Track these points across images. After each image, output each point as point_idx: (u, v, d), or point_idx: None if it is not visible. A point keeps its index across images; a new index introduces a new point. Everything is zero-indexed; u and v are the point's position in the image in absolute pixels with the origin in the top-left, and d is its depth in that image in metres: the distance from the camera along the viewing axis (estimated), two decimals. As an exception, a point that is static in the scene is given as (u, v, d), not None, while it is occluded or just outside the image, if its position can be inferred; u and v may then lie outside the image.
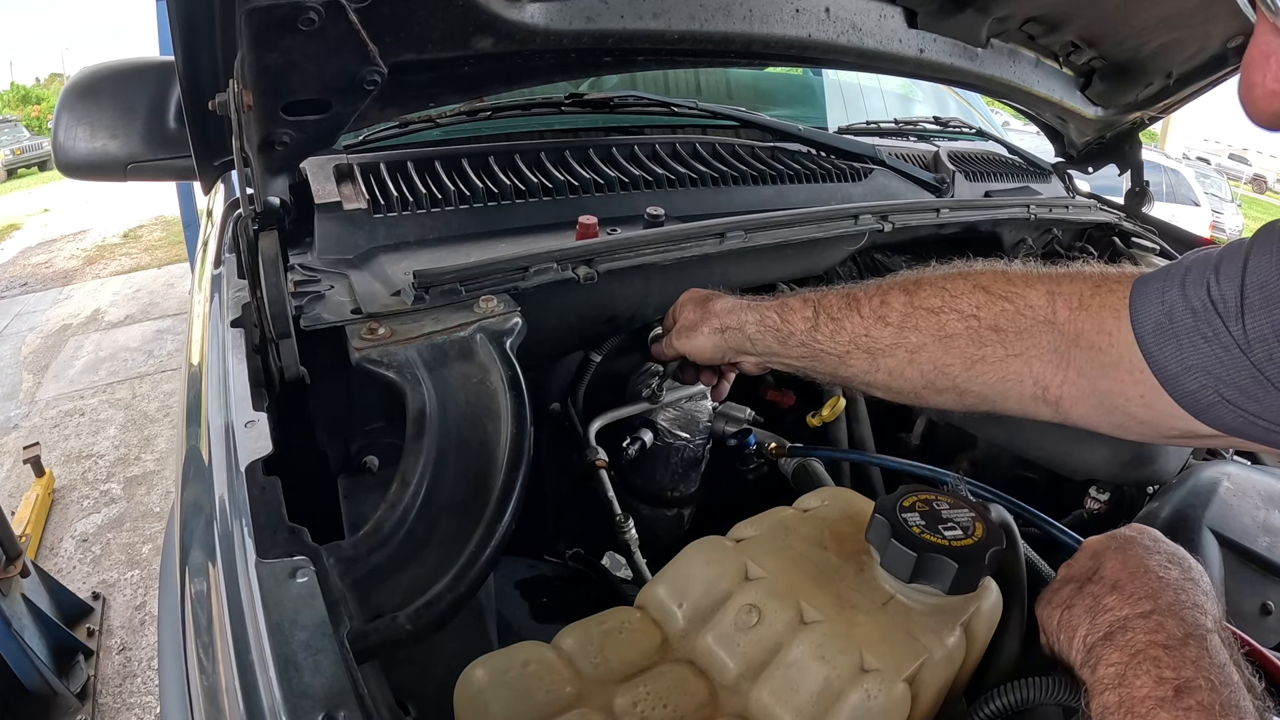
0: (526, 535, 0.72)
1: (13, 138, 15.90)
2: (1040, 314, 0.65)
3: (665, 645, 0.59)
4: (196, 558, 0.64)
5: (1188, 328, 0.57)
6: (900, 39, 1.14)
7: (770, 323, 0.81)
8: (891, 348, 0.73)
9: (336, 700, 0.44)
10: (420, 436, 0.65)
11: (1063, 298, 0.65)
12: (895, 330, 0.72)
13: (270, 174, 0.78)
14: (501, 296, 0.83)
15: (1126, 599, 0.53)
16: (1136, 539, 0.60)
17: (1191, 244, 1.68)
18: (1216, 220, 10.42)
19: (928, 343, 0.71)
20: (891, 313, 0.73)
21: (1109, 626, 0.52)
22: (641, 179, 1.20)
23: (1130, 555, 0.57)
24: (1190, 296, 0.57)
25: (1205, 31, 1.24)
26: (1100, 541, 0.61)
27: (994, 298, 0.68)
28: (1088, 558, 0.60)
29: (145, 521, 2.96)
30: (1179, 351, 0.58)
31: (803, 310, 0.79)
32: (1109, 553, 0.58)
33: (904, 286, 0.74)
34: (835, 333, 0.76)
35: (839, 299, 0.78)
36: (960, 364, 0.70)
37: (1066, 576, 0.60)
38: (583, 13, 0.84)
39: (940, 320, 0.70)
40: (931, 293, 0.71)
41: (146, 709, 2.08)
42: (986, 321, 0.68)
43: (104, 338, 5.00)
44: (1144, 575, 0.54)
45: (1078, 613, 0.55)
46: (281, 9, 0.55)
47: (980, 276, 0.70)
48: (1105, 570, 0.57)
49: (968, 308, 0.69)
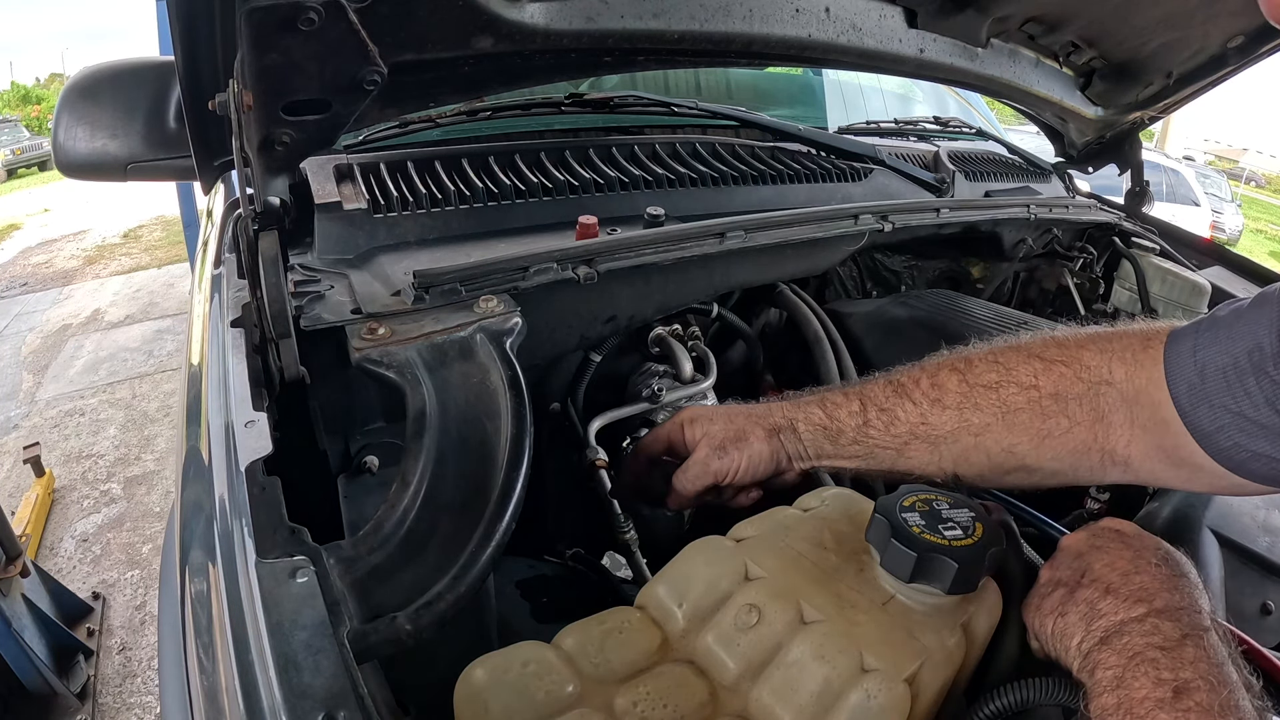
0: (526, 535, 0.72)
1: (13, 138, 15.91)
2: (1098, 374, 0.64)
3: (665, 645, 0.59)
4: (196, 558, 0.64)
5: (1219, 387, 0.57)
6: (900, 39, 1.14)
7: (816, 419, 0.75)
8: (955, 433, 0.69)
9: (336, 700, 0.44)
10: (420, 436, 0.65)
11: (1116, 355, 0.64)
12: (955, 413, 0.69)
13: (270, 174, 0.78)
14: (501, 296, 0.83)
15: (1121, 602, 0.52)
16: (1119, 535, 0.59)
17: (1191, 244, 1.68)
18: (1216, 220, 10.42)
19: (991, 422, 0.68)
20: (947, 394, 0.69)
21: (1104, 631, 0.52)
22: (641, 179, 1.20)
23: (1118, 554, 0.56)
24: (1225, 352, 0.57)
25: (1205, 31, 1.24)
26: (1082, 540, 0.60)
27: (1050, 363, 0.66)
28: (1072, 559, 0.59)
29: (145, 521, 2.95)
30: (1211, 412, 0.58)
31: (847, 405, 0.74)
32: (1094, 552, 0.58)
33: (953, 366, 0.71)
34: (889, 424, 0.71)
35: (884, 388, 0.73)
36: (1027, 441, 0.67)
37: (1053, 580, 0.59)
38: (583, 13, 0.84)
39: (1001, 395, 0.67)
40: (985, 368, 0.69)
41: (146, 709, 2.08)
42: (1047, 389, 0.66)
43: (104, 338, 5.00)
44: (1135, 576, 0.54)
45: (1072, 620, 0.54)
46: (281, 9, 0.55)
47: (1031, 345, 0.69)
48: (1095, 572, 0.56)
49: (1026, 378, 0.67)
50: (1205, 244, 1.71)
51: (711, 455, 0.76)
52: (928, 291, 1.38)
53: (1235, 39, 1.23)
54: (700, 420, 0.78)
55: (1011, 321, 1.17)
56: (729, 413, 0.79)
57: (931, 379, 0.71)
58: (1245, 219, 14.00)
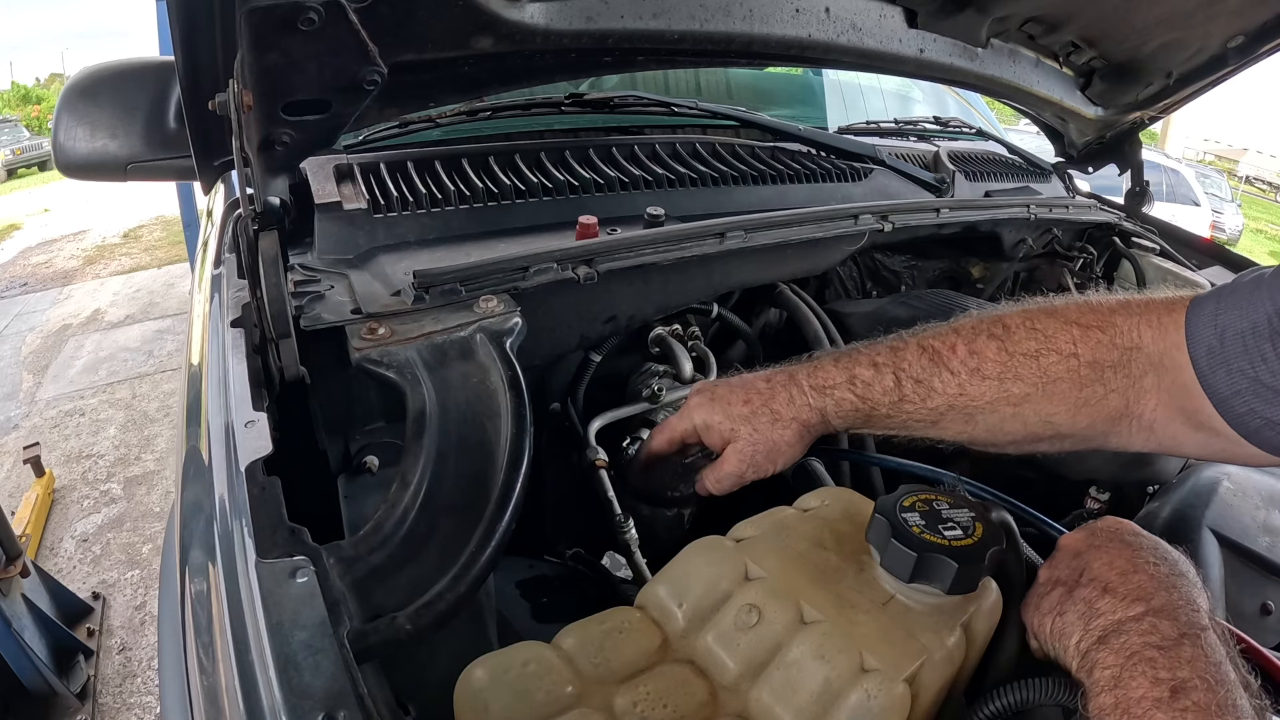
0: (526, 535, 0.72)
1: (13, 138, 15.91)
2: (1130, 339, 0.64)
3: (665, 645, 0.59)
4: (196, 558, 0.64)
5: (1237, 351, 0.57)
6: (900, 39, 1.14)
7: (848, 405, 0.72)
8: (993, 403, 0.67)
9: (336, 700, 0.44)
10: (420, 436, 0.65)
11: (1145, 319, 0.63)
12: (995, 383, 0.67)
13: (270, 174, 0.78)
14: (501, 296, 0.83)
15: (1119, 601, 0.52)
16: (1118, 533, 0.58)
17: (1191, 244, 1.68)
18: (1216, 220, 10.42)
19: (1031, 392, 0.66)
20: (986, 364, 0.67)
21: (1103, 630, 0.52)
22: (641, 179, 1.20)
23: (1116, 553, 0.56)
24: (1246, 316, 0.57)
25: (1205, 31, 1.24)
26: (1080, 539, 0.60)
27: (1087, 329, 0.65)
28: (1070, 558, 0.59)
29: (145, 521, 2.95)
30: (1229, 376, 0.57)
31: (879, 381, 0.71)
32: (1092, 551, 0.57)
33: (991, 332, 0.68)
34: (926, 397, 0.69)
35: (918, 356, 0.70)
36: (1065, 411, 0.66)
37: (1051, 579, 0.59)
38: (583, 13, 0.84)
39: (1041, 365, 0.66)
40: (1025, 335, 0.67)
41: (146, 709, 2.08)
42: (1085, 358, 0.65)
43: (104, 338, 5.00)
44: (1134, 575, 0.54)
45: (1070, 619, 0.54)
46: (281, 9, 0.55)
47: (1068, 310, 0.67)
48: (1093, 571, 0.56)
49: (1065, 346, 0.65)
50: (1205, 244, 1.71)
51: (745, 469, 0.75)
52: (928, 291, 1.38)
53: (1235, 39, 1.23)
54: (716, 425, 0.74)
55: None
56: (749, 414, 0.74)
57: (969, 345, 0.68)
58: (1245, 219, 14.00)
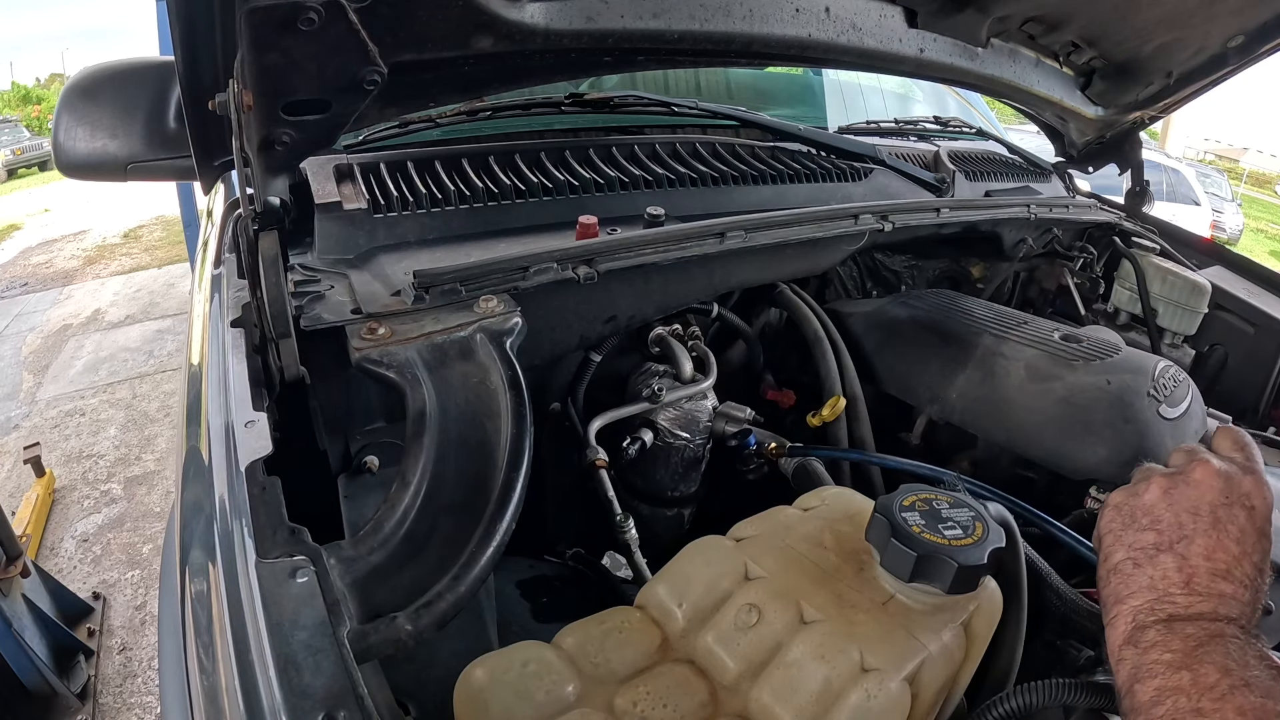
0: (526, 535, 0.72)
1: (13, 138, 15.89)
2: None
3: (665, 645, 0.59)
4: (196, 558, 0.64)
5: None
6: (900, 39, 1.14)
7: None
8: None
9: (336, 700, 0.44)
10: (420, 436, 0.65)
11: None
12: None
13: (270, 174, 0.78)
14: (501, 296, 0.83)
15: (1197, 598, 0.52)
16: (1246, 513, 0.54)
17: (1192, 244, 1.68)
18: (1217, 220, 10.42)
19: None
20: None
21: (1169, 614, 0.51)
22: (641, 179, 1.20)
23: (1224, 538, 0.53)
24: None
25: (1205, 31, 1.24)
26: (1214, 493, 0.55)
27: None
28: (1189, 515, 0.55)
29: (145, 521, 2.96)
30: None
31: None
32: (1208, 530, 0.54)
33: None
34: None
35: None
36: None
37: (1154, 521, 0.55)
38: (583, 13, 0.84)
39: None
40: None
41: (147, 709, 2.08)
42: None
43: (104, 338, 5.00)
44: (1225, 578, 0.52)
45: (1140, 581, 0.53)
46: (281, 9, 0.55)
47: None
48: (1194, 548, 0.53)
49: None
50: (1205, 244, 1.71)
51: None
52: (928, 291, 1.38)
53: (1235, 39, 1.23)
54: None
55: (1012, 321, 1.17)
56: None
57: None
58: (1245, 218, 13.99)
